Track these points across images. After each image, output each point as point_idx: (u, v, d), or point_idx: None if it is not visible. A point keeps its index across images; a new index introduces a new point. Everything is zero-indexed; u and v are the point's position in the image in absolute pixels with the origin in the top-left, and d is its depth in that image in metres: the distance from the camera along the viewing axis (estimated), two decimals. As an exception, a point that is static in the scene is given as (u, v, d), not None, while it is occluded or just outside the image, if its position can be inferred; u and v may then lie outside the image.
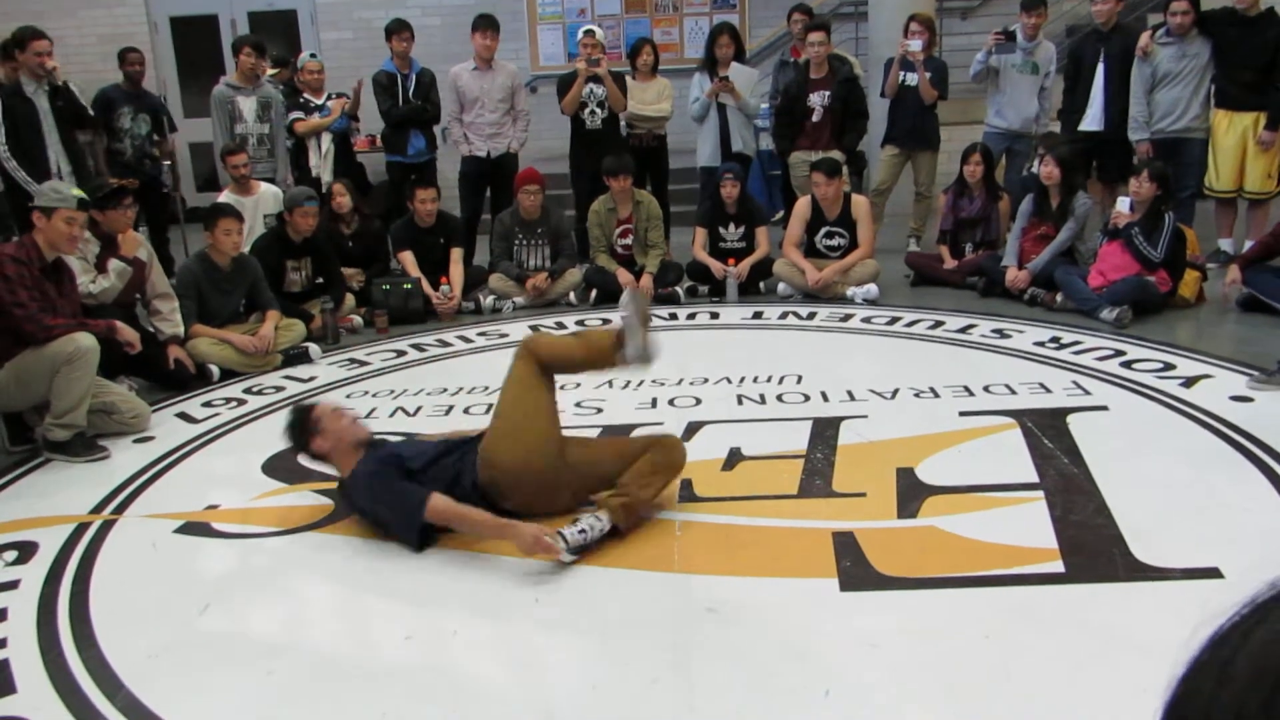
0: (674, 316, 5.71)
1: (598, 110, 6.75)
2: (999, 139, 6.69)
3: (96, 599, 2.68)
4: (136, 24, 10.29)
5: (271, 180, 6.47)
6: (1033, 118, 6.70)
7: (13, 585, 2.77)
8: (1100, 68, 6.32)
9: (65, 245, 3.95)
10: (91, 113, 6.76)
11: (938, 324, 5.19)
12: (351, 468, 2.96)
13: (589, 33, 6.76)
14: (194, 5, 10.36)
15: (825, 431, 3.62)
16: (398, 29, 6.80)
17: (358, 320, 5.78)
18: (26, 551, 2.97)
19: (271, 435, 3.94)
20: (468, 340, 5.34)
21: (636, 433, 3.56)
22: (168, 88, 10.18)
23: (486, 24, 6.66)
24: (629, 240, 6.16)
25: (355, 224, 6.23)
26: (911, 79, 6.69)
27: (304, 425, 3.06)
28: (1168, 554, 2.56)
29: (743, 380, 4.29)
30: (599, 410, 4.01)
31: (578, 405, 4.07)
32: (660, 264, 6.09)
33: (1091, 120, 6.40)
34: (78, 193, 4.03)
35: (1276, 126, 5.83)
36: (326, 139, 6.85)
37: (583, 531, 2.71)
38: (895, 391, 4.04)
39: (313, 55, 7.23)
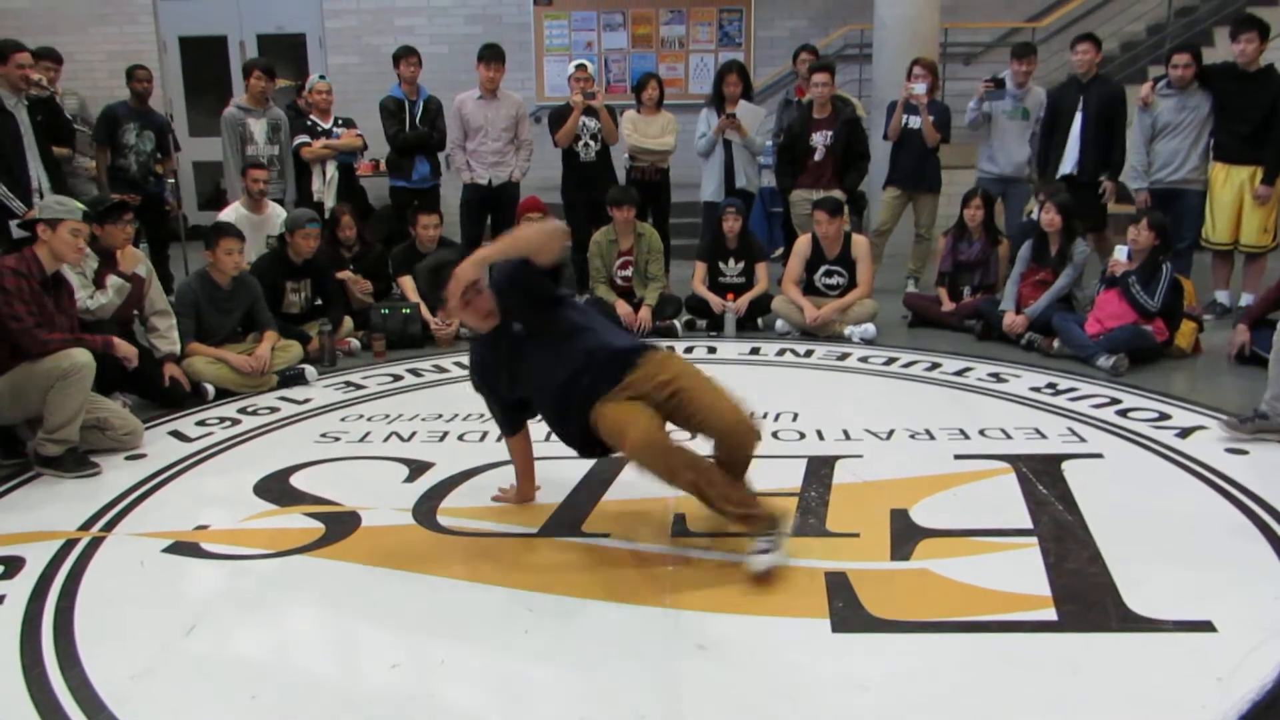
0: (671, 350, 5.71)
1: (591, 143, 6.80)
2: (992, 184, 6.75)
3: (81, 617, 2.65)
4: (146, 43, 10.39)
5: (280, 201, 6.49)
6: (1024, 162, 6.79)
7: (-3, 600, 2.74)
8: (1079, 116, 6.42)
9: (71, 256, 3.97)
10: (75, 129, 6.74)
11: (934, 366, 5.20)
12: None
13: (581, 66, 6.84)
14: (204, 26, 10.47)
15: (820, 470, 3.61)
16: (405, 55, 6.87)
17: (355, 343, 5.78)
18: (13, 567, 2.95)
19: (264, 456, 3.95)
20: (464, 367, 5.33)
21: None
22: (174, 107, 10.25)
23: (492, 55, 6.73)
24: (629, 272, 6.18)
25: (356, 248, 6.24)
26: (915, 122, 6.77)
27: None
28: (1160, 605, 2.55)
29: (739, 416, 4.28)
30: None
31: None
32: (659, 297, 6.10)
33: (1067, 163, 6.48)
34: (81, 205, 4.05)
35: (1273, 181, 5.88)
36: (332, 166, 6.87)
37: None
38: (891, 432, 4.04)
39: (321, 77, 7.28)
